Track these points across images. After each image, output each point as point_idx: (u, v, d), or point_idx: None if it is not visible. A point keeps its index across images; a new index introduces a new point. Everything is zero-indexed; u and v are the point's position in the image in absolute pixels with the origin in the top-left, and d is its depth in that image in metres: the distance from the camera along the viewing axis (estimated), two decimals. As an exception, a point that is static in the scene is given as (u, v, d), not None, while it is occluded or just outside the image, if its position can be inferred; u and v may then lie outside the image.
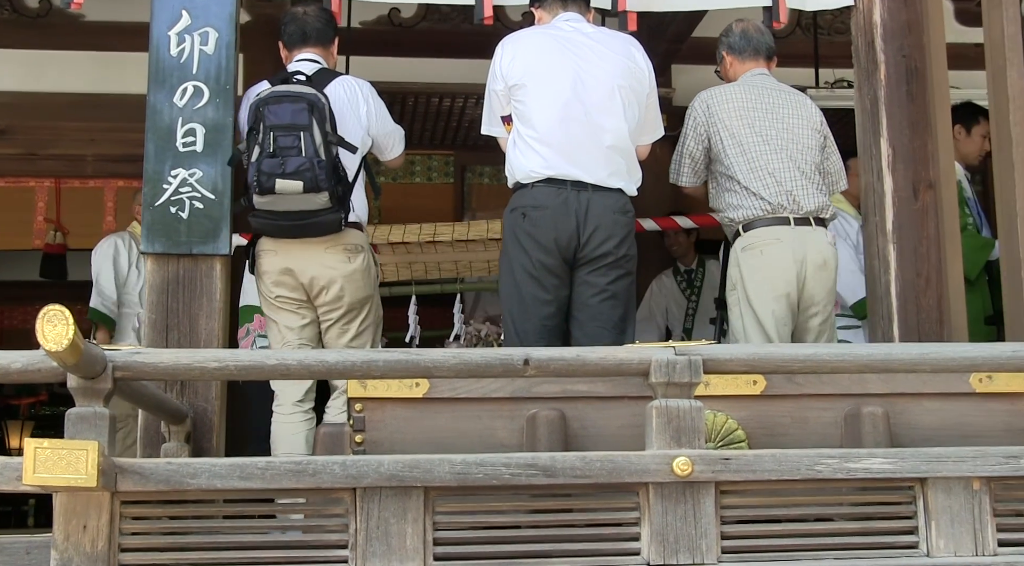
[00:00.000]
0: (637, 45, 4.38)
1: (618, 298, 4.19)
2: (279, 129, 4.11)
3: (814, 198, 4.48)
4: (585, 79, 4.21)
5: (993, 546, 2.91)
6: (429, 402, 3.23)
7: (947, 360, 3.07)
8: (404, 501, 2.78)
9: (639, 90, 4.29)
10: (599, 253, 4.14)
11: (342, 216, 4.29)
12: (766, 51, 4.74)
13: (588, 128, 4.18)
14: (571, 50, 4.27)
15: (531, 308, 4.17)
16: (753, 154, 4.50)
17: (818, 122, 4.61)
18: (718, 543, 2.84)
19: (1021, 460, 2.94)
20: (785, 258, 4.41)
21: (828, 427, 3.33)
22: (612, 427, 3.24)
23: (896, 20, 4.22)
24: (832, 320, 4.55)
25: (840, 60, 5.16)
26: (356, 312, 4.51)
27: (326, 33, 4.70)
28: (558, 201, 4.13)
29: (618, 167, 4.21)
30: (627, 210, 4.23)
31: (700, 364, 2.87)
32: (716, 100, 4.61)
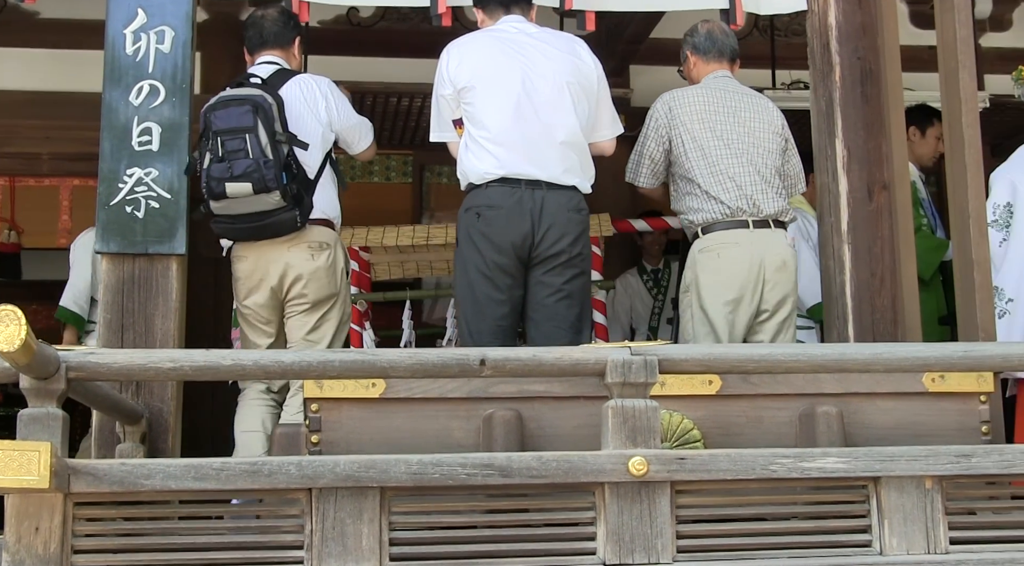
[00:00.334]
0: (582, 43, 4.41)
1: (573, 298, 4.20)
2: (225, 133, 4.14)
3: (774, 201, 4.52)
4: (533, 78, 4.24)
5: (945, 544, 2.94)
6: (386, 402, 3.23)
7: (900, 360, 3.09)
8: (360, 501, 2.77)
9: (588, 86, 4.33)
10: (553, 252, 4.16)
11: (297, 214, 4.30)
12: (730, 53, 4.77)
13: (540, 126, 4.20)
14: (517, 51, 4.29)
15: (485, 308, 4.18)
16: (714, 157, 4.53)
17: (779, 125, 4.65)
18: (673, 542, 2.85)
19: (972, 459, 2.97)
20: (742, 261, 4.44)
21: (783, 427, 3.36)
22: (568, 427, 3.25)
23: (851, 22, 4.25)
24: (792, 320, 4.59)
25: (797, 62, 5.20)
26: (319, 307, 4.52)
27: (284, 35, 4.73)
28: (512, 200, 4.15)
29: (572, 164, 4.24)
30: (581, 208, 4.25)
31: (656, 364, 2.88)
32: (678, 102, 4.63)
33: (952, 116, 4.03)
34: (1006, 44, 7.62)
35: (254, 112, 4.17)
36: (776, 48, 6.75)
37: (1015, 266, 4.55)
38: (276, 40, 4.72)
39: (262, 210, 4.23)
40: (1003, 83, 6.32)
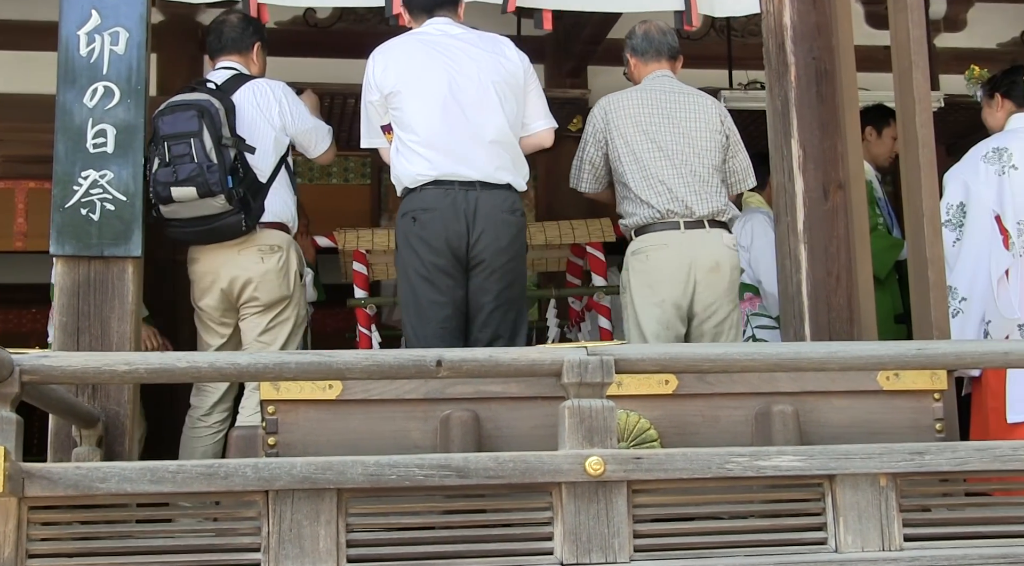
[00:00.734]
0: (508, 43, 4.43)
1: (511, 301, 4.23)
2: (171, 138, 4.20)
3: (710, 202, 4.56)
4: (459, 79, 4.26)
5: (899, 541, 2.96)
6: (342, 404, 3.23)
7: (854, 358, 3.12)
8: (317, 503, 2.77)
9: (514, 84, 4.34)
10: (488, 254, 4.18)
11: (243, 218, 4.34)
12: (668, 52, 4.80)
13: (468, 126, 4.23)
14: (441, 53, 4.32)
15: (428, 312, 4.20)
16: (646, 162, 4.58)
17: (718, 122, 4.67)
18: (630, 542, 2.86)
19: (926, 456, 2.99)
20: (671, 264, 4.50)
21: (739, 425, 3.38)
22: (525, 427, 3.26)
23: (806, 23, 4.27)
24: (733, 321, 4.61)
25: (753, 62, 5.22)
26: (272, 309, 4.56)
27: (243, 41, 4.79)
28: (446, 202, 4.17)
29: (504, 161, 4.26)
30: (515, 209, 4.26)
31: (612, 364, 2.89)
32: (613, 106, 4.68)
33: (906, 116, 4.06)
34: (960, 44, 7.68)
35: (199, 117, 4.23)
36: (733, 48, 6.78)
37: (968, 266, 4.60)
38: (235, 46, 4.79)
39: (208, 214, 4.29)
40: (958, 83, 6.38)
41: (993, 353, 3.30)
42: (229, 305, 4.59)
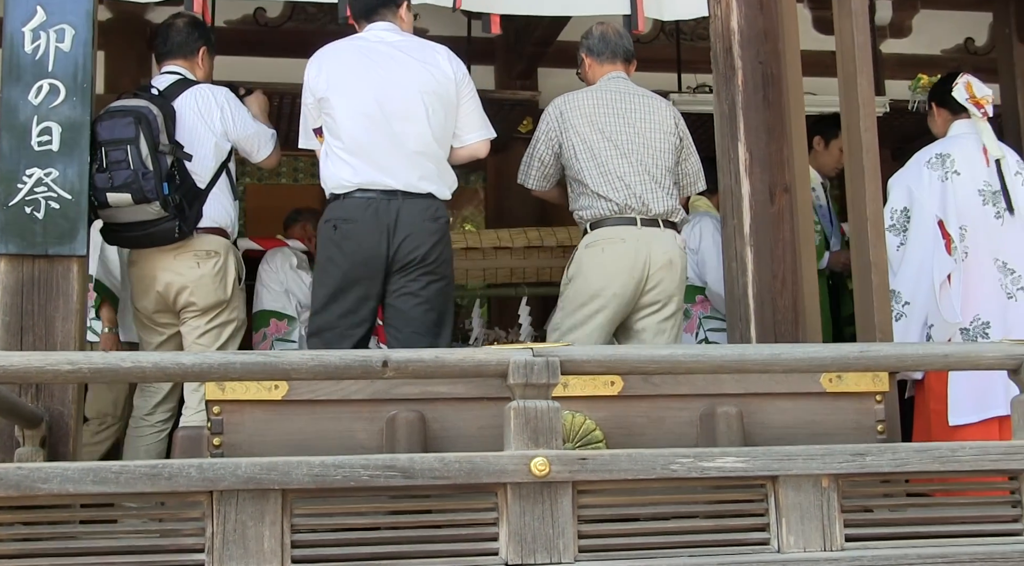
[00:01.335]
0: (445, 52, 4.43)
1: (431, 303, 4.25)
2: (108, 144, 4.19)
3: (663, 201, 4.59)
4: (387, 88, 4.28)
5: (840, 541, 2.98)
6: (288, 404, 3.23)
7: (798, 360, 3.15)
8: (262, 504, 2.75)
9: (444, 95, 4.34)
10: (410, 259, 4.21)
11: (177, 224, 4.38)
12: (623, 54, 4.82)
13: (391, 135, 4.25)
14: (374, 60, 4.34)
15: (344, 319, 4.25)
16: (603, 158, 4.60)
17: (672, 125, 4.70)
18: (575, 542, 2.86)
19: (867, 458, 3.02)
20: (626, 257, 4.52)
21: (684, 427, 3.41)
22: (472, 428, 3.26)
23: (753, 27, 4.32)
24: (677, 320, 4.65)
25: (702, 65, 5.26)
26: (208, 313, 4.59)
27: (189, 45, 4.81)
28: (368, 212, 4.21)
29: (427, 171, 4.27)
30: (438, 216, 4.28)
31: (558, 365, 2.90)
32: (569, 106, 4.69)
33: (850, 120, 4.11)
34: (906, 51, 7.79)
35: (136, 124, 4.23)
36: (682, 52, 6.83)
37: (912, 270, 4.65)
38: (180, 50, 4.80)
39: (143, 220, 4.33)
40: (903, 89, 6.46)
41: (933, 355, 3.34)
42: (166, 307, 4.62)
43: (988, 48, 7.73)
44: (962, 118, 4.94)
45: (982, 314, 4.56)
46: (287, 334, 5.86)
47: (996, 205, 4.72)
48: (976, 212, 4.69)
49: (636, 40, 7.24)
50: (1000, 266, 4.65)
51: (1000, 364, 3.20)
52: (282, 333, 5.77)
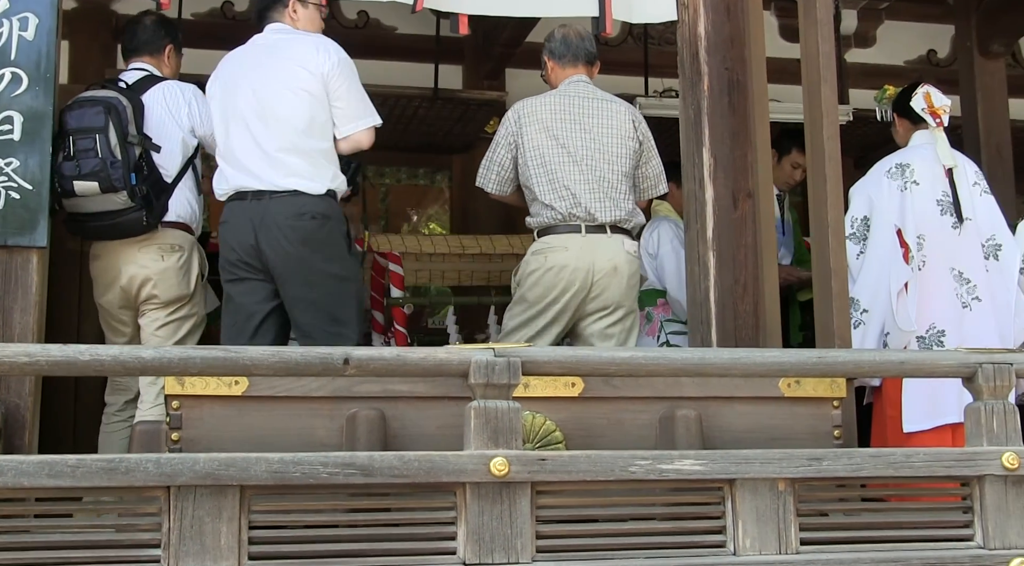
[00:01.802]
0: (317, 44, 4.36)
1: (315, 304, 4.21)
2: (77, 133, 4.19)
3: (614, 209, 4.61)
4: (257, 89, 4.29)
5: (796, 545, 3.02)
6: (248, 400, 3.22)
7: (757, 365, 3.17)
8: (220, 500, 2.75)
9: (313, 89, 4.28)
10: (278, 261, 4.19)
11: (144, 215, 4.37)
12: (585, 57, 4.83)
13: (254, 136, 4.26)
14: (251, 62, 4.37)
15: (242, 321, 4.27)
16: (552, 166, 4.63)
17: (631, 129, 4.70)
18: (533, 542, 2.88)
19: (823, 462, 3.06)
20: (569, 265, 4.55)
21: (643, 429, 3.43)
22: (432, 427, 3.27)
23: (720, 33, 4.33)
24: (626, 326, 4.66)
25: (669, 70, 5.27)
26: (170, 306, 4.58)
27: (155, 43, 4.83)
28: (238, 213, 4.25)
29: (294, 168, 4.24)
30: (303, 212, 4.21)
31: (519, 366, 2.91)
32: (526, 112, 4.72)
33: (814, 128, 4.14)
34: (870, 60, 7.84)
35: (106, 113, 4.23)
36: (649, 56, 6.85)
37: (871, 278, 4.68)
38: (146, 47, 4.82)
39: (110, 209, 4.31)
40: (867, 98, 6.50)
41: (889, 362, 3.38)
42: (128, 302, 4.61)
43: (950, 60, 7.80)
44: (923, 128, 4.99)
45: (938, 323, 4.60)
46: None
47: (954, 215, 4.76)
48: (934, 222, 4.73)
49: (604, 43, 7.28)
50: (956, 275, 4.69)
51: (955, 372, 3.24)
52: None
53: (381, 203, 8.32)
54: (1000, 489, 3.10)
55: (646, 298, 5.84)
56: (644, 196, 4.83)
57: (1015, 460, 3.09)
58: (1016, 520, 3.09)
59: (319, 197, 4.23)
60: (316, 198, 4.23)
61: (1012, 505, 3.09)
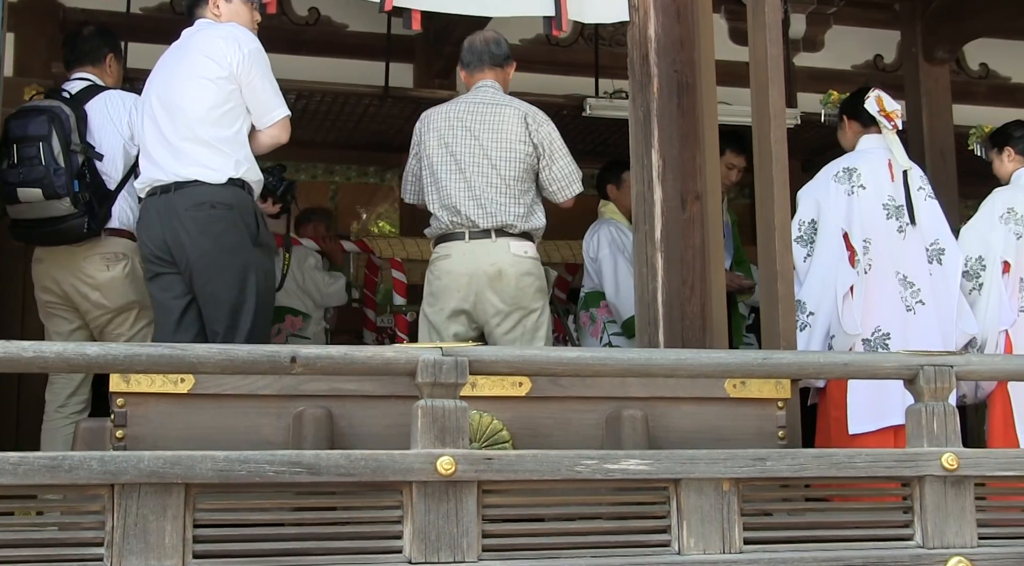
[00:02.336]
0: (234, 36, 4.32)
1: (215, 297, 4.19)
2: (21, 141, 4.30)
3: (501, 214, 4.63)
4: (166, 81, 4.32)
5: (739, 544, 3.04)
6: (194, 398, 3.21)
7: (703, 366, 3.20)
8: (164, 498, 2.73)
9: (219, 77, 4.25)
10: (184, 253, 4.19)
11: (86, 221, 4.42)
12: (490, 61, 4.86)
13: (160, 129, 4.28)
14: (170, 57, 4.40)
15: (162, 317, 4.29)
16: (440, 175, 4.70)
17: (522, 133, 4.69)
18: (479, 541, 2.88)
19: (767, 462, 3.08)
20: (453, 272, 4.63)
21: (590, 429, 3.44)
22: (379, 426, 3.27)
23: (669, 36, 4.35)
24: (527, 327, 4.66)
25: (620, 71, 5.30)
26: (121, 312, 4.62)
27: (97, 53, 4.92)
28: (148, 209, 4.27)
29: (195, 158, 4.22)
30: (203, 201, 4.19)
31: (466, 365, 2.91)
32: (426, 121, 4.82)
33: (761, 131, 4.17)
34: (818, 65, 7.92)
35: (49, 122, 4.33)
36: (600, 57, 6.87)
37: (817, 281, 4.73)
38: (88, 57, 4.91)
39: (54, 215, 4.38)
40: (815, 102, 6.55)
41: (834, 364, 3.42)
42: (69, 304, 4.67)
43: (896, 65, 7.89)
44: (871, 132, 5.04)
45: (882, 325, 4.66)
46: (301, 330, 6.08)
47: (899, 219, 4.82)
48: (880, 226, 4.79)
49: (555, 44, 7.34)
50: (901, 279, 4.75)
51: (897, 374, 3.28)
52: (297, 329, 6.00)
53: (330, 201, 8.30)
54: (939, 489, 3.14)
55: (590, 299, 5.89)
56: (557, 198, 4.82)
57: (954, 461, 3.13)
58: (954, 520, 3.13)
59: (220, 186, 4.20)
60: (217, 187, 4.20)
61: (951, 505, 3.14)
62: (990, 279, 4.94)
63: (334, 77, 6.39)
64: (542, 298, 4.71)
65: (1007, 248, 4.99)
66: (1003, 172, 5.34)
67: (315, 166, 7.87)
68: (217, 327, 4.15)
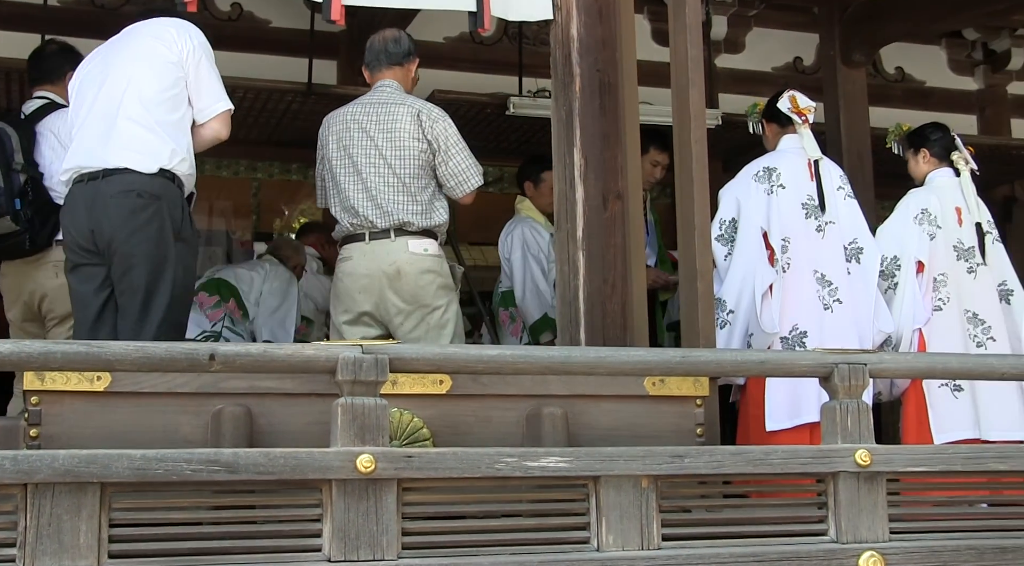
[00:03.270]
0: (185, 27, 4.32)
1: (133, 287, 4.13)
2: None
3: (399, 212, 4.64)
4: (113, 61, 4.26)
5: (658, 541, 3.07)
6: (111, 396, 3.17)
7: (622, 363, 3.23)
8: (79, 497, 2.69)
9: (168, 61, 4.22)
10: (107, 241, 4.12)
11: (27, 238, 4.57)
12: (388, 60, 4.85)
13: (96, 107, 4.22)
14: (112, 46, 4.35)
15: (80, 311, 4.25)
16: (339, 177, 4.70)
17: (417, 131, 4.68)
18: (399, 539, 2.88)
19: (685, 459, 3.12)
20: (355, 273, 4.65)
21: (511, 426, 3.46)
22: (299, 424, 3.26)
23: (592, 35, 4.37)
24: (431, 324, 4.66)
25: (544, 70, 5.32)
26: (68, 320, 4.62)
27: (56, 71, 5.00)
28: (74, 196, 4.21)
29: (130, 140, 4.15)
30: (131, 190, 4.11)
31: (387, 363, 2.91)
32: (327, 124, 4.83)
33: (682, 131, 4.21)
34: (739, 66, 8.02)
35: None
36: (524, 56, 6.89)
37: (736, 280, 4.78)
38: (48, 76, 5.02)
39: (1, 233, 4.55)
40: (737, 102, 6.65)
41: (751, 362, 3.46)
42: (33, 316, 4.83)
43: (815, 68, 8.01)
44: (790, 133, 5.11)
45: (800, 324, 4.72)
46: (305, 336, 6.12)
47: (818, 219, 4.89)
48: (798, 225, 4.85)
49: (479, 42, 7.35)
50: (818, 278, 4.81)
51: (812, 372, 3.33)
52: (301, 334, 6.06)
53: (253, 198, 8.23)
54: (853, 485, 3.20)
55: (507, 298, 5.90)
56: (455, 194, 4.80)
57: (867, 457, 3.19)
58: (867, 515, 3.19)
59: (149, 176, 4.13)
60: (146, 177, 4.12)
61: (863, 500, 3.19)
62: (905, 279, 5.03)
63: (257, 73, 6.33)
64: (446, 295, 4.70)
65: (921, 248, 5.08)
66: (918, 173, 5.44)
67: (237, 163, 7.79)
68: (128, 317, 4.08)
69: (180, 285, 4.17)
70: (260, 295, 5.93)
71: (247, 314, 5.87)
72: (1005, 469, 3.39)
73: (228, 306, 5.82)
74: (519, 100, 6.39)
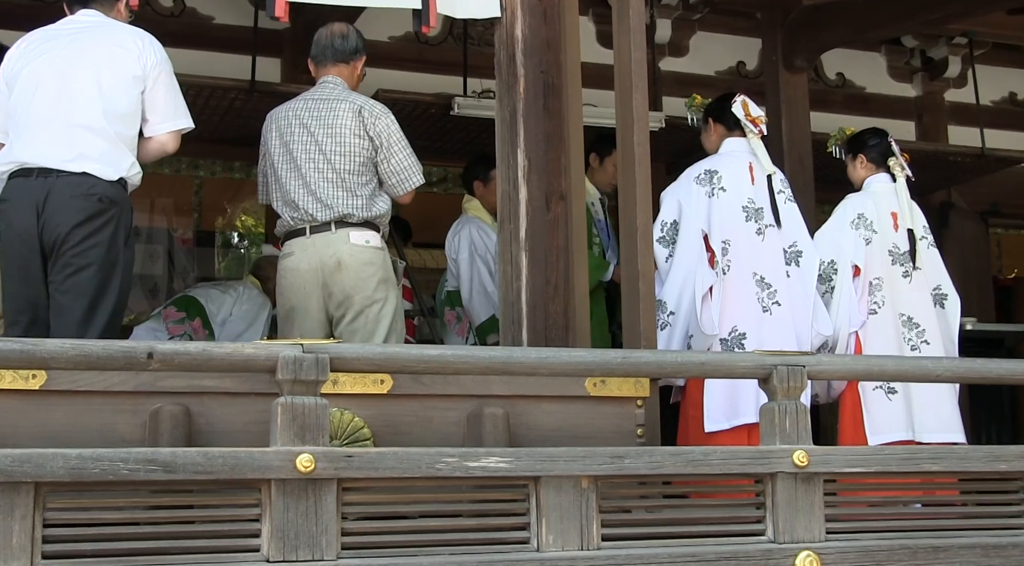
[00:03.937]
0: (148, 39, 4.29)
1: (78, 289, 4.08)
2: None
3: (340, 205, 4.61)
4: (64, 69, 4.18)
5: (597, 541, 3.07)
6: (46, 394, 3.13)
7: (563, 364, 3.23)
8: (12, 497, 2.65)
9: (131, 74, 4.20)
10: (55, 241, 4.07)
11: None
12: (333, 56, 4.82)
13: (53, 113, 4.14)
14: (58, 44, 4.25)
15: (13, 307, 4.17)
16: (280, 172, 4.69)
17: (359, 128, 4.65)
18: (338, 539, 2.87)
19: (625, 460, 3.13)
20: (297, 268, 4.63)
21: (452, 427, 3.46)
22: (239, 423, 3.24)
23: (536, 37, 4.39)
24: (370, 317, 4.62)
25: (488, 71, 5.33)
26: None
27: None
28: (22, 192, 4.11)
29: (89, 149, 4.11)
30: (92, 193, 4.09)
31: (327, 362, 2.90)
32: (270, 120, 4.80)
33: (625, 134, 4.23)
34: (683, 70, 8.07)
35: None
36: (469, 57, 6.89)
37: (677, 281, 4.82)
38: None
39: None
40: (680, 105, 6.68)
41: (691, 363, 3.49)
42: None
43: (758, 72, 8.08)
44: (735, 136, 5.15)
45: (739, 326, 4.76)
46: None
47: (759, 221, 4.93)
48: (739, 228, 4.90)
49: (424, 42, 7.34)
50: (758, 280, 4.86)
51: (751, 373, 3.36)
52: None
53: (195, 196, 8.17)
54: (791, 485, 3.23)
55: (453, 297, 5.90)
56: (396, 191, 4.77)
57: (805, 458, 3.22)
58: (804, 515, 3.22)
59: (109, 182, 4.11)
60: (106, 183, 4.10)
61: (801, 501, 3.22)
62: (841, 282, 5.09)
63: (199, 70, 6.28)
64: (386, 289, 4.66)
65: (857, 252, 5.14)
66: (856, 178, 5.50)
67: (179, 160, 7.73)
68: (69, 317, 4.03)
69: (124, 291, 4.15)
70: (229, 316, 5.86)
71: (212, 335, 5.79)
72: (939, 470, 3.43)
73: (192, 324, 5.75)
74: (464, 100, 6.39)
